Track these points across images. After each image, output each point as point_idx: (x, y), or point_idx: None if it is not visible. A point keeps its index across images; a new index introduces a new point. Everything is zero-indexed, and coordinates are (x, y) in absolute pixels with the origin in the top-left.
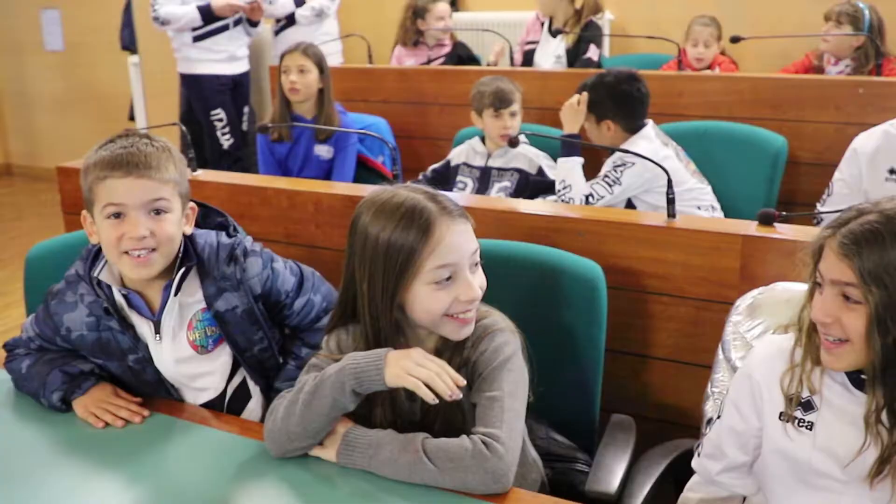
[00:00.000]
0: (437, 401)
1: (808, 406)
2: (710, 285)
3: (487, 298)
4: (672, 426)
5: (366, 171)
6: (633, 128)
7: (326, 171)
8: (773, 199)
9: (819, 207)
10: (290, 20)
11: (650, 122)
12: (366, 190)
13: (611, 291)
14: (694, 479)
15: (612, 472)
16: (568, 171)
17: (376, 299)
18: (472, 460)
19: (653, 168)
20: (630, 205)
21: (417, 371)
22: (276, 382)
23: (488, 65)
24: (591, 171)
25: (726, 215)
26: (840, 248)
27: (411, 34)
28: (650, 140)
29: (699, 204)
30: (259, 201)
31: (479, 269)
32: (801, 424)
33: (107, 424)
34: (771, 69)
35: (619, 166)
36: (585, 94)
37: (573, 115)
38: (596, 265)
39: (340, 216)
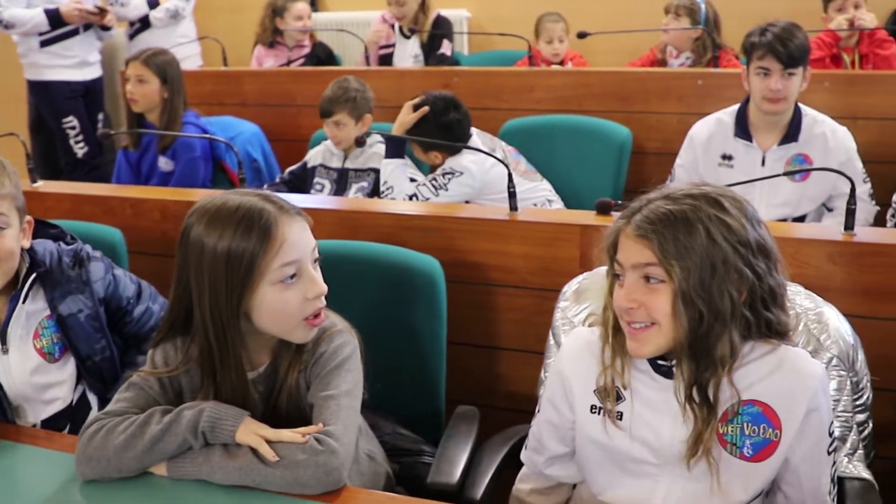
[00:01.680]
0: (277, 458)
1: (616, 397)
2: (551, 275)
3: (333, 298)
4: (519, 414)
5: (229, 184)
6: (459, 148)
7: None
8: (619, 188)
9: None
10: (144, 23)
11: (474, 133)
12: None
13: (458, 286)
14: (524, 470)
15: (453, 463)
16: (390, 172)
17: (220, 310)
18: (304, 455)
19: (481, 178)
20: None
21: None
22: (113, 393)
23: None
24: None
25: (575, 207)
26: (636, 231)
27: (270, 33)
28: (476, 153)
29: (535, 202)
30: (102, 212)
31: (318, 268)
32: (611, 415)
33: None
34: (621, 64)
35: (447, 174)
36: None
37: (405, 119)
38: (434, 260)
39: None
